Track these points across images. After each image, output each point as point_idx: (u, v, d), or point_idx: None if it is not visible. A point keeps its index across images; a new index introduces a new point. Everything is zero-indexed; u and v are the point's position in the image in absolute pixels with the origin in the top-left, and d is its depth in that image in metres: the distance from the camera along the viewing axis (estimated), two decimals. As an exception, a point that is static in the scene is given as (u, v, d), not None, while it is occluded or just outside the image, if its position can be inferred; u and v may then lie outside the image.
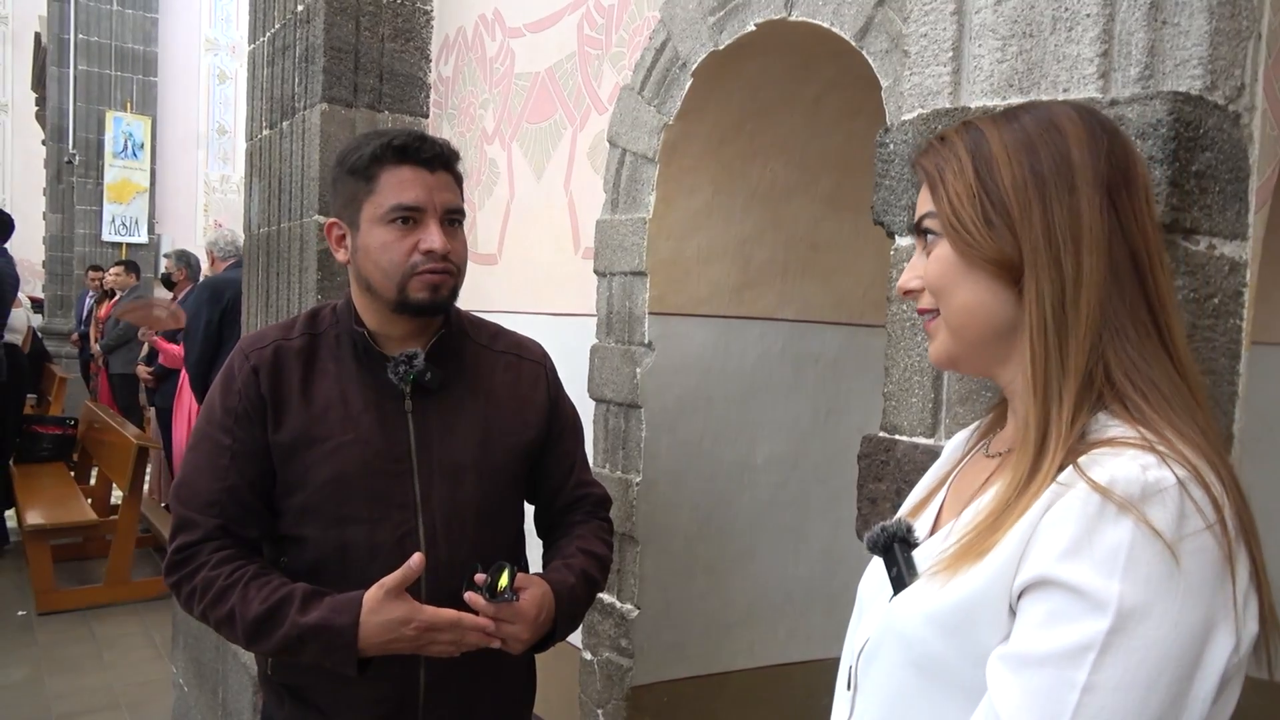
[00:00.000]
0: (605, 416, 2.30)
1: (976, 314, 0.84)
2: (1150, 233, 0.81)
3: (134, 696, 3.99)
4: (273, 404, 1.47)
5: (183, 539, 1.45)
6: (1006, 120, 0.84)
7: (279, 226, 3.19)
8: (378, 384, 1.50)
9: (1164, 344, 0.79)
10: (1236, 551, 0.69)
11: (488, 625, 1.39)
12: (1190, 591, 0.67)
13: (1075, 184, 0.79)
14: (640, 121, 2.18)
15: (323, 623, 1.35)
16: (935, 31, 1.25)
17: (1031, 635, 0.70)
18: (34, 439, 6.48)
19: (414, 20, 3.08)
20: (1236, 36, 1.08)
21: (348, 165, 1.47)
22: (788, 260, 2.40)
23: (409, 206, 1.43)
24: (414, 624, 1.36)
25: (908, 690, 0.81)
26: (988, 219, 0.81)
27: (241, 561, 1.44)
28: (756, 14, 1.85)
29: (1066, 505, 0.70)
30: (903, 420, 1.30)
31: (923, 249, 0.89)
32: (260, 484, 1.48)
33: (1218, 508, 0.69)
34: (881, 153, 1.34)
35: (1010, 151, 0.81)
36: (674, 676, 2.31)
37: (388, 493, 1.47)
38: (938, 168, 0.85)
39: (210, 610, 1.41)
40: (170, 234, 11.43)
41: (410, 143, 1.45)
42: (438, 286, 1.46)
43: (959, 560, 0.76)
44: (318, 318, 1.57)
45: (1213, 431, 0.77)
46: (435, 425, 1.51)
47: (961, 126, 0.86)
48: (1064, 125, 0.81)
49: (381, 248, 1.44)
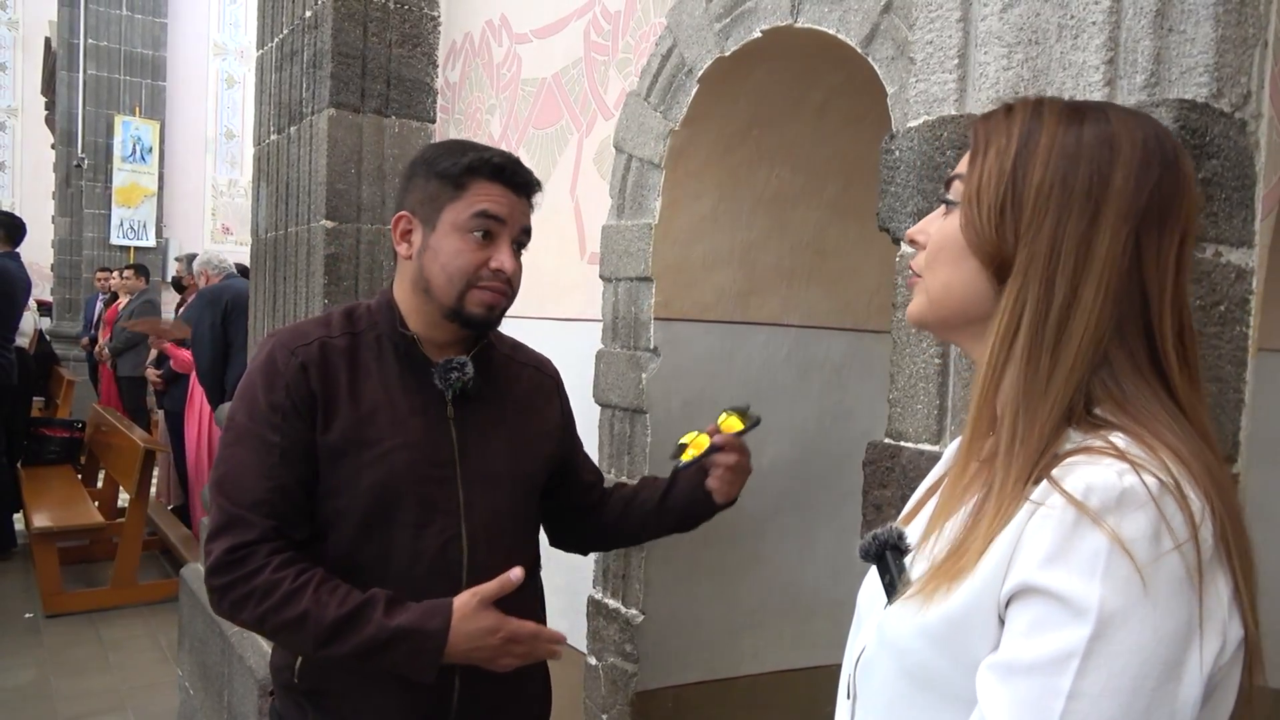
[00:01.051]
0: (610, 421, 2.30)
1: (954, 293, 0.84)
2: (1172, 276, 0.78)
3: (139, 699, 4.00)
4: (324, 403, 1.44)
5: (235, 538, 1.38)
6: (1072, 118, 0.80)
7: (286, 231, 3.20)
8: (422, 389, 1.50)
9: (1166, 387, 0.77)
10: (1212, 568, 0.69)
11: (562, 638, 1.44)
12: (1171, 595, 0.67)
13: (1102, 210, 0.76)
14: (646, 127, 2.19)
15: (414, 626, 1.34)
16: (941, 38, 1.25)
17: (1017, 644, 0.70)
18: (41, 441, 6.50)
19: (421, 26, 3.09)
20: (1243, 44, 1.08)
21: (438, 168, 1.47)
22: (793, 266, 2.40)
23: (494, 216, 1.45)
24: (501, 634, 1.37)
25: (903, 700, 0.81)
26: (1003, 210, 0.79)
27: (305, 564, 1.39)
28: (762, 20, 1.86)
29: (1046, 514, 0.70)
30: (908, 427, 1.30)
31: (943, 211, 0.87)
32: (308, 483, 1.45)
33: (1192, 523, 0.68)
34: (887, 159, 1.34)
35: (1054, 153, 0.78)
36: (679, 682, 2.30)
37: (434, 498, 1.47)
38: (988, 137, 0.83)
39: (274, 613, 1.36)
40: (178, 238, 11.48)
41: (508, 164, 1.48)
42: (493, 306, 1.48)
43: (943, 572, 0.76)
44: (354, 317, 1.55)
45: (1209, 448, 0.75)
46: (474, 432, 1.52)
47: (1033, 105, 0.83)
48: (1121, 145, 0.77)
49: (454, 253, 1.45)
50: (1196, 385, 0.79)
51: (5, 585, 5.42)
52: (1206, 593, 0.68)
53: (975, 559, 0.73)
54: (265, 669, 2.68)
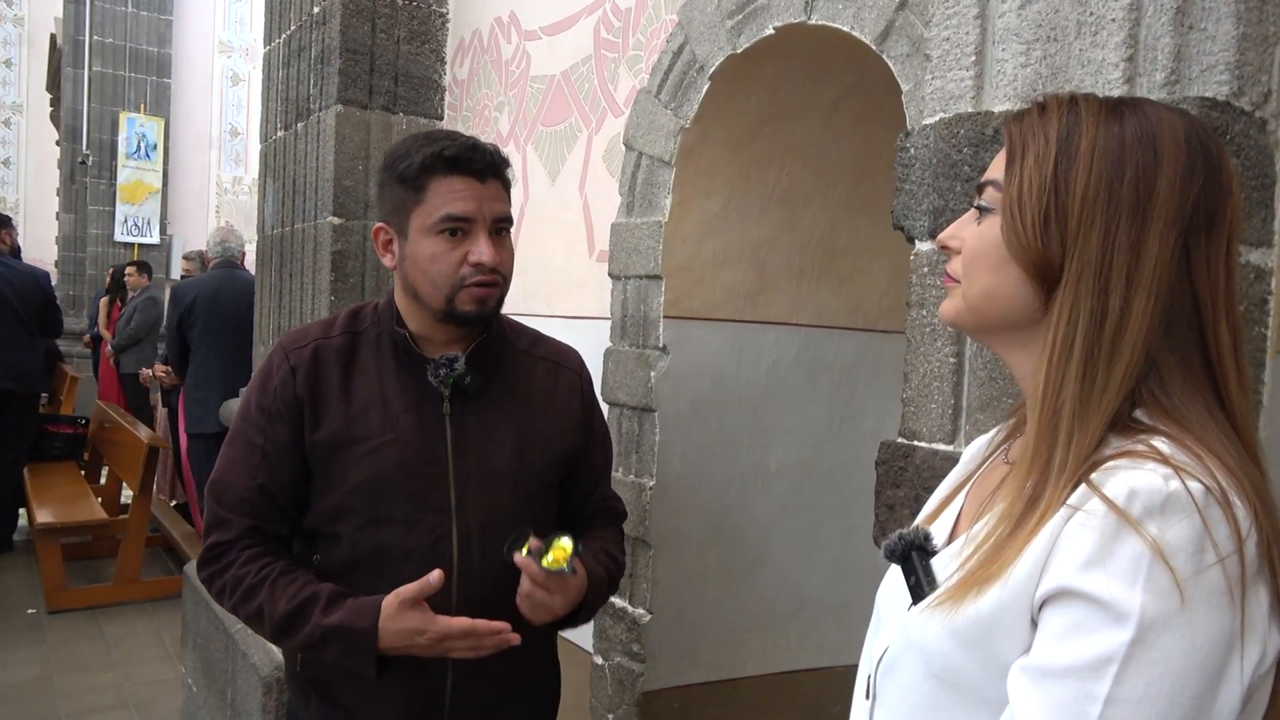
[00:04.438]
0: (619, 420, 2.29)
1: (997, 301, 0.82)
2: (1222, 282, 0.76)
3: (143, 696, 3.99)
4: (311, 404, 1.47)
5: (216, 536, 1.48)
6: (1110, 117, 0.78)
7: (293, 228, 3.20)
8: (418, 386, 1.49)
9: (1218, 396, 0.75)
10: (1255, 579, 0.68)
11: (504, 629, 1.38)
12: (1212, 607, 0.65)
13: (1150, 216, 0.74)
14: (657, 125, 2.18)
15: (344, 624, 1.37)
16: (958, 35, 1.24)
17: (1052, 647, 0.69)
18: (45, 438, 6.50)
19: (429, 23, 3.08)
20: (1264, 42, 1.07)
21: (396, 172, 1.45)
22: (804, 265, 2.39)
23: (459, 217, 1.42)
24: (428, 634, 1.36)
25: (929, 702, 0.80)
26: (1047, 219, 0.77)
27: (269, 559, 1.46)
28: (775, 17, 1.85)
29: (1085, 519, 0.69)
30: (922, 426, 1.30)
31: (974, 216, 0.86)
32: (290, 484, 1.48)
33: (1238, 535, 0.67)
34: (902, 157, 1.33)
35: (1096, 157, 0.76)
36: (685, 682, 2.30)
37: (423, 496, 1.46)
38: (1024, 141, 0.80)
39: (240, 606, 1.45)
40: (182, 235, 11.47)
41: (461, 153, 1.42)
42: (485, 299, 1.45)
43: (976, 574, 0.75)
44: (359, 316, 1.56)
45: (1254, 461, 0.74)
46: (473, 430, 1.50)
47: (1066, 102, 0.80)
48: (1165, 147, 0.75)
49: (430, 259, 1.43)
50: (1247, 394, 0.78)
51: (8, 582, 5.41)
52: (1248, 603, 0.66)
53: (1010, 562, 0.72)
54: (269, 666, 2.67)
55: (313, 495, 1.50)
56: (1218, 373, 0.76)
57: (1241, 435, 0.75)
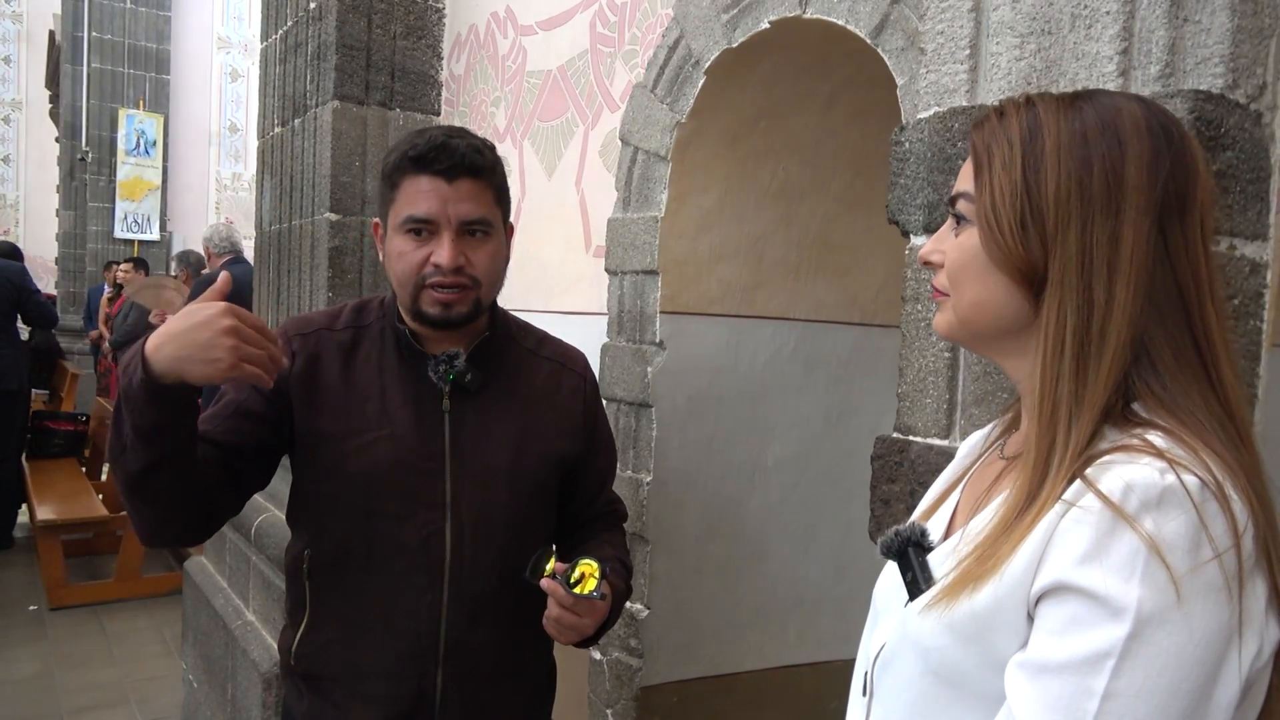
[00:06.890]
0: (616, 415, 2.29)
1: (987, 310, 0.82)
2: (1202, 263, 0.76)
3: (144, 692, 4.00)
4: (304, 390, 1.46)
5: None
6: (1068, 112, 0.78)
7: (290, 224, 3.20)
8: (418, 382, 1.48)
9: (1210, 381, 0.75)
10: (1253, 573, 0.68)
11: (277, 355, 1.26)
12: (1209, 603, 0.65)
13: (1123, 205, 0.75)
14: (653, 119, 2.18)
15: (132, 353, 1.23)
16: (952, 29, 1.24)
17: (1049, 642, 0.69)
18: (46, 434, 6.51)
19: (426, 18, 3.08)
20: (1258, 34, 1.07)
21: (383, 169, 1.47)
22: (800, 260, 2.38)
23: (419, 219, 1.41)
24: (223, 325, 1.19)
25: (927, 698, 0.80)
26: (1023, 223, 0.77)
27: None
28: (771, 11, 1.84)
29: (1080, 514, 0.69)
30: (917, 421, 1.29)
31: (953, 227, 0.85)
32: (248, 442, 1.43)
33: (1235, 529, 0.67)
34: (897, 151, 1.33)
35: (1062, 155, 0.76)
36: (683, 677, 2.30)
37: (417, 491, 1.45)
38: (988, 149, 0.81)
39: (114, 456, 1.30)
40: (182, 231, 11.46)
41: (426, 153, 1.39)
42: (449, 304, 1.42)
43: (973, 569, 0.75)
44: (365, 310, 1.56)
45: (1248, 450, 0.74)
46: (471, 428, 1.49)
47: (1023, 104, 0.81)
48: (1127, 135, 0.76)
49: (397, 256, 1.43)
50: (1237, 373, 0.78)
51: (9, 578, 5.42)
52: (1246, 596, 0.66)
53: (1005, 557, 0.72)
54: (269, 662, 2.68)
55: (310, 482, 1.49)
56: (1207, 355, 0.76)
57: (1236, 420, 0.75)
